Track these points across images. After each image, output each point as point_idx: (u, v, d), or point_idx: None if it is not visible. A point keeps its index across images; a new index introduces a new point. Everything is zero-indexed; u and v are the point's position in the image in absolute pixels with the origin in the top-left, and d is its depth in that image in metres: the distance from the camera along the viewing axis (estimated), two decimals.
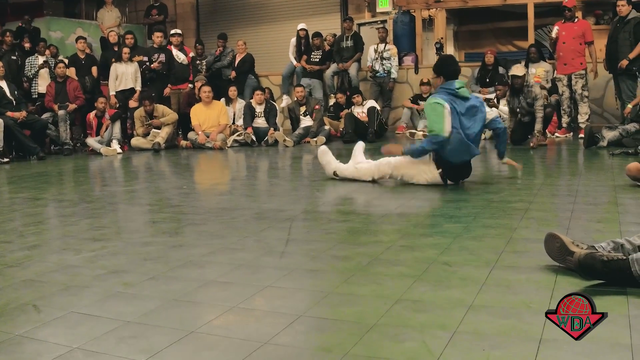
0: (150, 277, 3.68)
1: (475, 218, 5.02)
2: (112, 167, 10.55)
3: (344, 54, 14.49)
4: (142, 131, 12.60)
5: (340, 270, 3.68)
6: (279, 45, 16.91)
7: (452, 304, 3.07)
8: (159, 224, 5.35)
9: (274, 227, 5.03)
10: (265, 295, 3.32)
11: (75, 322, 3.04)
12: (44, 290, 3.54)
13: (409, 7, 14.97)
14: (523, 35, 14.73)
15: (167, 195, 7.04)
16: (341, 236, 4.62)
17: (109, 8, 16.62)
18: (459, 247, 4.14)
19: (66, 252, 4.44)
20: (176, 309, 3.18)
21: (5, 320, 3.10)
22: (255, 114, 12.90)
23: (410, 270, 3.62)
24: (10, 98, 11.98)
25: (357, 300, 3.16)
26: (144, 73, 13.64)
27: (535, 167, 8.48)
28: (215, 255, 4.17)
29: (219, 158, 11.14)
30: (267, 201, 6.35)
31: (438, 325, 2.81)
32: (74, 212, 6.10)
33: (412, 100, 13.74)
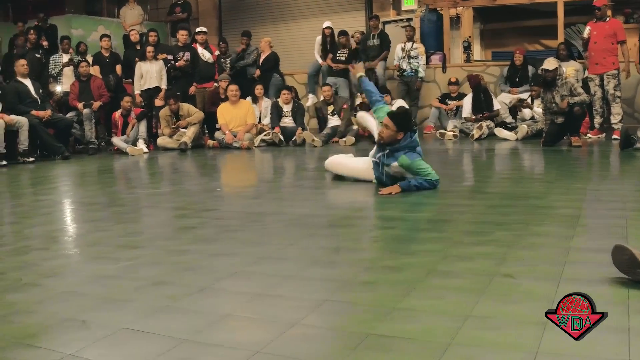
0: (197, 290, 3.51)
1: (525, 225, 4.81)
2: (139, 168, 10.43)
3: (370, 52, 14.32)
4: (169, 132, 12.45)
5: (398, 283, 3.49)
6: (303, 43, 16.78)
7: (523, 321, 2.89)
8: (194, 230, 5.17)
9: (316, 234, 4.86)
10: (323, 312, 3.14)
11: (126, 340, 2.87)
12: (86, 304, 3.38)
13: (436, 5, 14.79)
14: (550, 33, 14.54)
15: (199, 198, 6.87)
16: (390, 244, 4.45)
17: (131, 6, 16.52)
18: (515, 257, 3.94)
19: (103, 261, 4.29)
20: (231, 325, 3.02)
21: (52, 337, 2.95)
22: (283, 114, 12.78)
23: (470, 283, 3.44)
24: (35, 97, 11.88)
25: (423, 317, 2.98)
26: (169, 71, 13.51)
27: (573, 169, 8.26)
28: (259, 265, 4.00)
29: (247, 158, 10.99)
30: (303, 206, 6.17)
31: (515, 345, 2.64)
32: (105, 217, 5.98)
33: (440, 99, 13.57)
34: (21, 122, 11.09)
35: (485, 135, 11.86)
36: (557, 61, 10.66)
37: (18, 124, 11.03)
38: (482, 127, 11.80)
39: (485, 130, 11.83)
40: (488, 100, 12.39)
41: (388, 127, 6.45)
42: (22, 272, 4.08)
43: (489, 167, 9.17)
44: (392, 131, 6.45)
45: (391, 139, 6.49)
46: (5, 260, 4.47)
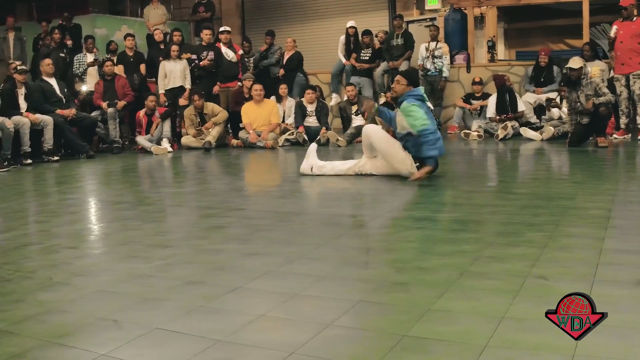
0: (231, 290, 3.50)
1: (556, 226, 4.78)
2: (164, 167, 10.45)
3: (394, 52, 14.26)
4: (194, 133, 12.47)
5: (432, 284, 3.47)
6: (326, 42, 16.76)
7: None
8: (225, 229, 5.18)
9: (347, 234, 4.86)
10: (357, 313, 3.13)
11: (160, 340, 2.87)
12: (120, 303, 3.38)
13: (460, 4, 14.71)
14: (574, 33, 14.46)
15: (226, 197, 6.86)
16: (422, 245, 4.42)
17: (155, 5, 16.54)
18: (549, 258, 3.91)
19: (135, 260, 4.29)
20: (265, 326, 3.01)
21: (85, 337, 2.95)
22: (307, 113, 12.79)
23: (505, 284, 3.42)
24: (60, 96, 11.93)
25: (458, 319, 2.96)
26: (193, 71, 13.52)
27: (601, 170, 8.21)
28: (292, 265, 3.99)
29: (271, 158, 11.00)
30: (332, 205, 6.17)
31: (552, 347, 2.60)
32: (134, 215, 5.98)
33: (464, 99, 13.52)
34: (46, 121, 11.14)
35: (510, 135, 11.81)
36: (582, 60, 10.60)
37: (43, 123, 11.08)
38: (507, 127, 11.75)
39: (510, 131, 11.78)
40: (513, 101, 12.34)
41: (399, 82, 7.27)
42: (53, 271, 4.09)
43: (515, 167, 9.13)
44: (403, 85, 7.22)
45: (402, 92, 7.22)
46: (35, 259, 4.48)
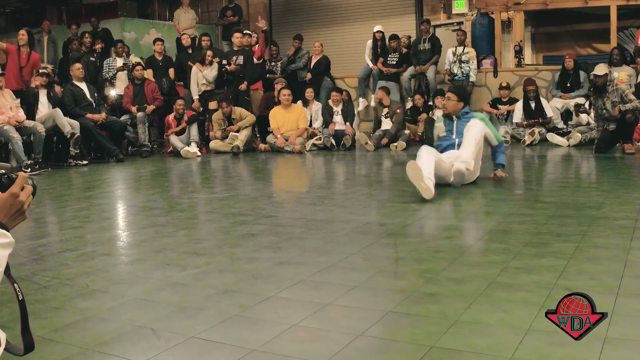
0: (264, 299, 3.59)
1: (584, 237, 4.83)
2: (193, 171, 10.56)
3: (422, 56, 14.29)
4: (220, 135, 12.59)
5: (460, 295, 3.55)
6: (354, 47, 16.78)
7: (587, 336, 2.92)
8: (258, 237, 5.26)
9: (379, 242, 4.93)
10: (387, 323, 3.21)
11: (197, 350, 2.96)
12: (157, 312, 3.47)
13: (488, 9, 14.71)
14: (602, 37, 14.39)
15: (258, 204, 6.94)
16: (451, 255, 4.48)
17: (185, 9, 16.70)
18: (576, 270, 3.97)
19: (171, 268, 4.38)
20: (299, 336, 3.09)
21: (124, 345, 3.04)
22: (333, 113, 12.93)
23: (533, 296, 3.48)
24: (90, 100, 12.09)
25: (487, 330, 3.03)
26: (222, 75, 13.65)
27: (628, 177, 8.22)
28: (325, 274, 4.07)
29: (299, 162, 11.10)
30: (363, 213, 6.22)
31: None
32: (167, 222, 6.08)
33: (492, 104, 13.53)
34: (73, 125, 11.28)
35: (537, 141, 11.83)
36: (608, 67, 10.61)
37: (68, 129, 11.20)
38: (534, 132, 11.77)
39: (537, 137, 11.80)
40: (539, 107, 12.36)
41: (450, 98, 7.71)
42: (90, 279, 4.18)
43: (543, 174, 9.13)
44: (454, 102, 7.66)
45: (454, 109, 7.66)
46: (72, 265, 4.55)
